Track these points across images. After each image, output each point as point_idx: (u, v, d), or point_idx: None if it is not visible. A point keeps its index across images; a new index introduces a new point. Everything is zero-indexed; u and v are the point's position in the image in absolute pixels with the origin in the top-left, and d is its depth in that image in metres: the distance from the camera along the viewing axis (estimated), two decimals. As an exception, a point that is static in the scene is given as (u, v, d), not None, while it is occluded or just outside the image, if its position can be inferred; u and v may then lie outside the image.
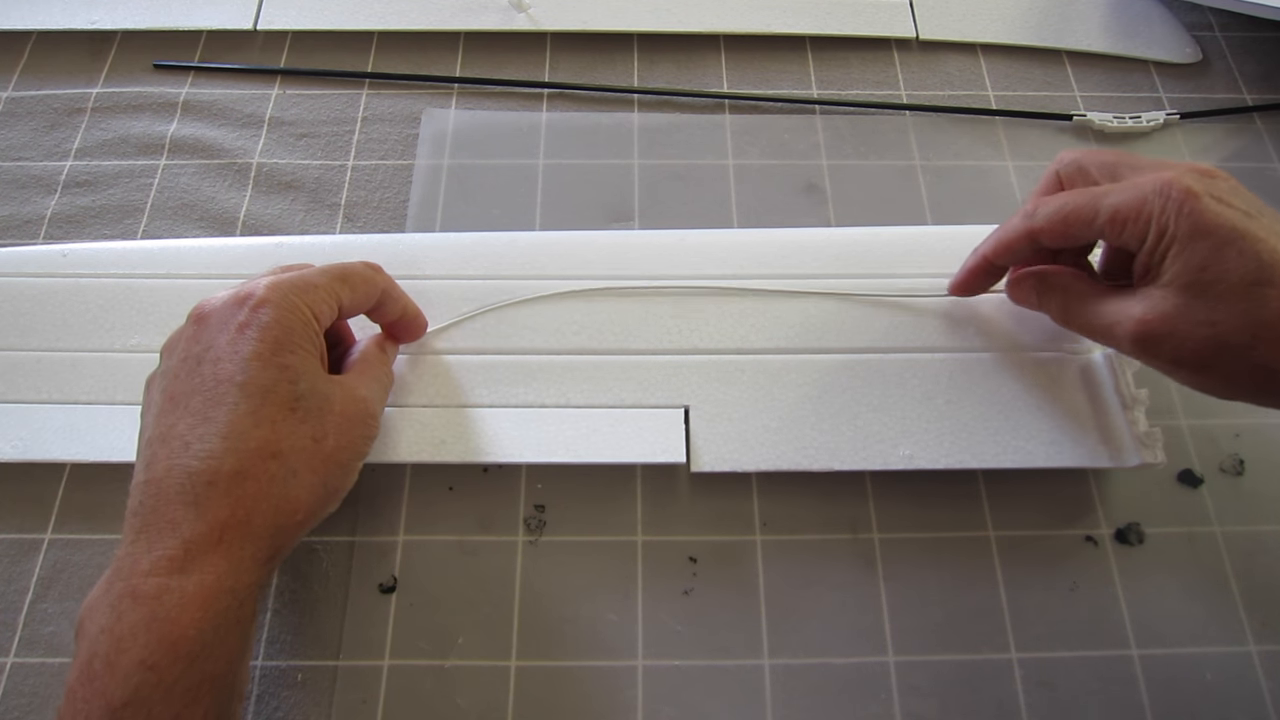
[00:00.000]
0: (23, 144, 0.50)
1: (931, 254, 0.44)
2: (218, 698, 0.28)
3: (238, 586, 0.29)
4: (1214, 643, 0.37)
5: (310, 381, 0.32)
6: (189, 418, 0.30)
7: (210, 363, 0.31)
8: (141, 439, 0.32)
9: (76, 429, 0.40)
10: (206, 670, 0.28)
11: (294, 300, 0.33)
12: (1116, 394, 0.40)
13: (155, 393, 0.33)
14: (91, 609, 0.28)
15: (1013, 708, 0.35)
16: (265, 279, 0.34)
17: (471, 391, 0.40)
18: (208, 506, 0.29)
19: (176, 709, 0.27)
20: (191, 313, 0.34)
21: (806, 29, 0.55)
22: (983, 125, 0.52)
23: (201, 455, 0.29)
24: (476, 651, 0.36)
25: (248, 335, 0.31)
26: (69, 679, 0.27)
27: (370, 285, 0.36)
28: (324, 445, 0.32)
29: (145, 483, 0.30)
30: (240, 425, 0.30)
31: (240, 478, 0.29)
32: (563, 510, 0.39)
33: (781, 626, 0.37)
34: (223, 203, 0.48)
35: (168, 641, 0.27)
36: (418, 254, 0.44)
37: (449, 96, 0.53)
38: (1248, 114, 0.52)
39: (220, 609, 0.28)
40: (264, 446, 0.30)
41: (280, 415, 0.31)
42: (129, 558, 0.29)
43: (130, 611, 0.27)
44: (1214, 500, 0.40)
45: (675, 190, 0.49)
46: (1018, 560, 0.38)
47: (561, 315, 0.42)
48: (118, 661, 0.27)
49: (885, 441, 0.39)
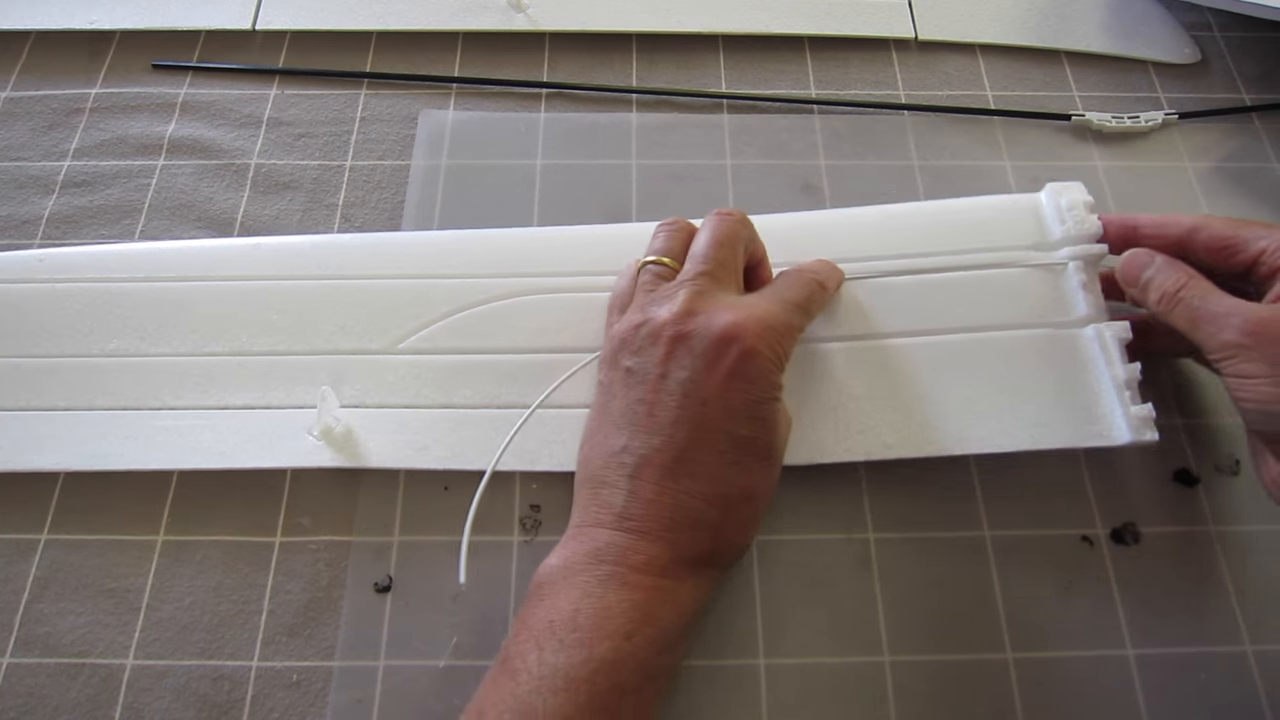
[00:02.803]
0: (21, 144, 0.50)
1: (902, 233, 0.43)
2: (668, 682, 0.33)
3: (701, 598, 0.34)
4: (1210, 642, 0.37)
5: (781, 430, 0.35)
6: (673, 448, 0.33)
7: (695, 397, 0.34)
8: (614, 403, 0.35)
9: (58, 436, 0.39)
10: (668, 660, 0.32)
11: (777, 349, 0.35)
12: (1107, 370, 0.38)
13: (628, 386, 0.35)
14: (569, 568, 0.33)
15: (1008, 708, 0.35)
16: (735, 311, 0.35)
17: (455, 392, 0.40)
18: (695, 538, 0.33)
19: (640, 681, 0.31)
20: (663, 314, 0.35)
21: (805, 29, 0.55)
22: (981, 125, 0.52)
23: (695, 494, 0.33)
24: (472, 652, 0.36)
25: (736, 389, 0.34)
26: (539, 616, 0.32)
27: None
28: (777, 477, 0.35)
29: (633, 493, 0.33)
30: (727, 473, 0.34)
31: (722, 520, 0.34)
32: (558, 510, 0.39)
33: (776, 626, 0.37)
34: (221, 203, 0.48)
35: (648, 625, 0.31)
36: (399, 252, 0.44)
37: (447, 97, 0.53)
38: (1246, 114, 0.52)
39: (691, 611, 0.33)
40: (743, 493, 0.34)
41: (757, 465, 0.34)
42: (620, 547, 0.33)
43: (616, 592, 0.32)
44: (1210, 500, 0.40)
45: (673, 190, 0.49)
46: (1013, 560, 0.38)
47: (547, 313, 0.42)
48: (603, 625, 0.31)
49: (867, 432, 0.38)
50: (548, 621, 0.31)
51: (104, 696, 0.36)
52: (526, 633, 0.31)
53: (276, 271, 0.44)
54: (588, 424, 0.37)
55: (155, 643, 0.37)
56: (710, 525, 0.33)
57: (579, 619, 0.31)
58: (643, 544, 0.33)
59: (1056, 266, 0.41)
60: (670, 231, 0.40)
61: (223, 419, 0.40)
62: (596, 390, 0.38)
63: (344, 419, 0.40)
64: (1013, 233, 0.42)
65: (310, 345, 0.42)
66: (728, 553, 0.35)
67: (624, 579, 0.32)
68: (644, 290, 0.38)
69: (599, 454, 0.35)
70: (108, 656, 0.37)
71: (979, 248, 0.42)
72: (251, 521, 0.39)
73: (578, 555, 0.33)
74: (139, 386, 0.41)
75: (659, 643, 0.31)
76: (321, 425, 0.39)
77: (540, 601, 0.32)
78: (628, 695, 0.30)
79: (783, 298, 0.37)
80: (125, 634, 0.37)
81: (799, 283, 0.38)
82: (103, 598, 0.38)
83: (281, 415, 0.40)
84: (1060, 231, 0.41)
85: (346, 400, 0.40)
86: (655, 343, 0.35)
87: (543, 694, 0.29)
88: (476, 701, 0.31)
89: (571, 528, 0.35)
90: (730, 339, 0.34)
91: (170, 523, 0.39)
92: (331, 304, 0.43)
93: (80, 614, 0.37)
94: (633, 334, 0.36)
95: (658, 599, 0.32)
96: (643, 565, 0.32)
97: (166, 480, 0.40)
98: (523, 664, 0.30)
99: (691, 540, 0.33)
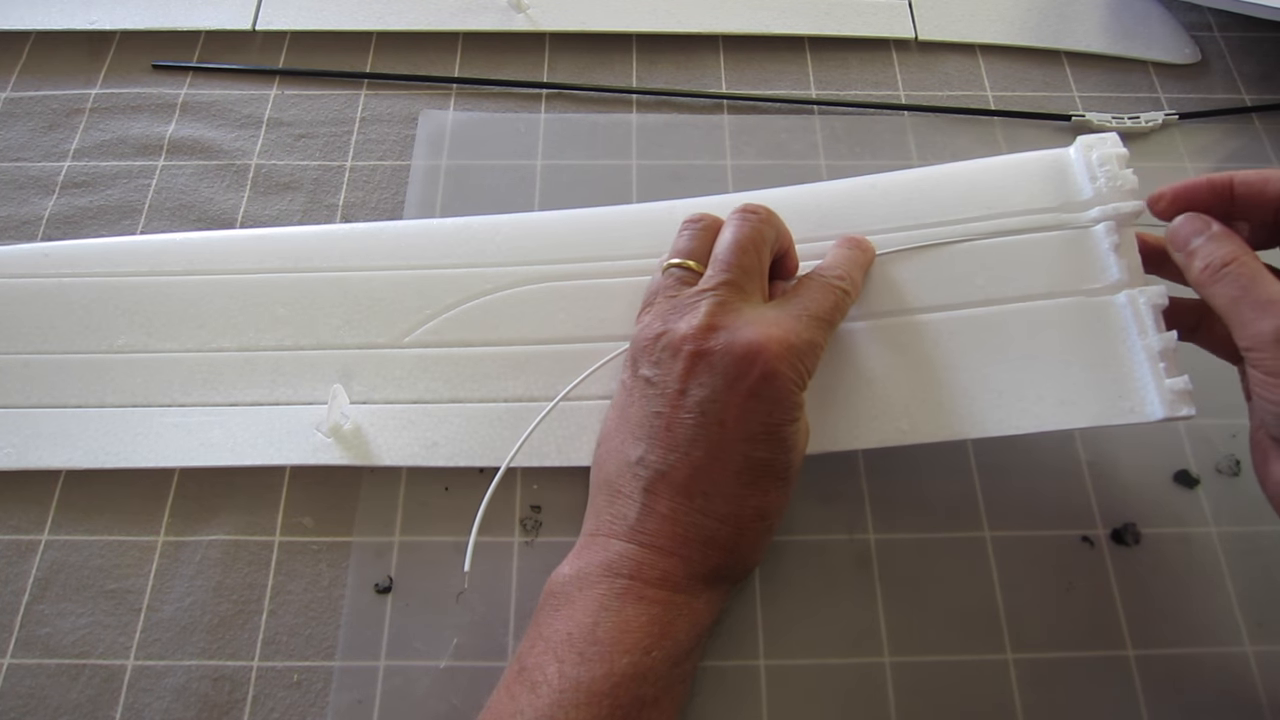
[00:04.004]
0: (21, 144, 0.50)
1: (918, 200, 0.41)
2: (685, 692, 0.33)
3: (716, 611, 0.34)
4: (1210, 643, 0.37)
5: (799, 450, 0.35)
6: (689, 466, 0.33)
7: (714, 417, 0.33)
8: (632, 409, 0.35)
9: (67, 434, 0.39)
10: (685, 670, 0.33)
11: (799, 368, 0.34)
12: (1140, 340, 0.35)
13: (646, 397, 0.35)
14: (584, 579, 0.33)
15: (1009, 708, 0.35)
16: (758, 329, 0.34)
17: (462, 386, 0.40)
18: (708, 555, 0.33)
19: (658, 693, 0.31)
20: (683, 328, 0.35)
21: (805, 29, 0.55)
22: (981, 126, 0.52)
23: (709, 513, 0.33)
24: (472, 653, 0.36)
25: (756, 411, 0.33)
26: (556, 627, 0.32)
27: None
28: (791, 494, 0.35)
29: (647, 507, 0.33)
30: (742, 494, 0.33)
31: (736, 539, 0.34)
32: (559, 511, 0.39)
33: (776, 626, 0.37)
34: (221, 203, 0.48)
35: (665, 639, 0.31)
36: (405, 242, 0.44)
37: (447, 97, 0.53)
38: (1246, 114, 0.52)
39: (706, 624, 0.33)
40: (757, 511, 0.34)
41: (774, 486, 0.34)
42: (634, 560, 0.33)
43: (633, 606, 0.32)
44: (1210, 501, 0.40)
45: (673, 190, 0.49)
46: (1014, 561, 0.38)
47: (554, 302, 0.42)
48: (622, 639, 0.31)
49: (881, 417, 0.37)
50: (566, 634, 0.31)
51: (105, 697, 0.36)
52: (544, 644, 0.31)
53: (282, 264, 0.43)
54: (606, 421, 0.37)
55: (156, 643, 0.37)
56: (724, 543, 0.33)
57: (598, 632, 0.31)
58: (657, 559, 0.33)
59: (1086, 228, 0.39)
60: (695, 231, 0.39)
61: (231, 416, 0.40)
62: (618, 389, 0.37)
63: (352, 416, 0.40)
64: (1038, 193, 0.40)
65: (317, 340, 0.42)
66: (741, 568, 0.35)
67: (640, 593, 0.32)
68: (665, 295, 0.37)
69: (614, 459, 0.35)
70: (108, 657, 0.37)
71: (1001, 212, 0.40)
72: (252, 521, 0.39)
73: (592, 566, 0.33)
74: (147, 383, 0.41)
75: (676, 655, 0.32)
76: (330, 423, 0.39)
77: (556, 612, 0.32)
78: (647, 708, 0.31)
79: (807, 311, 0.36)
80: (126, 634, 0.37)
81: (823, 292, 0.37)
82: (103, 598, 0.38)
83: (289, 412, 0.40)
84: (1091, 190, 0.39)
85: (354, 397, 0.40)
86: (675, 356, 0.34)
87: (565, 707, 0.29)
88: (492, 711, 0.31)
89: (585, 535, 0.35)
90: (751, 359, 0.33)
91: (171, 523, 0.39)
92: (338, 297, 0.42)
93: (81, 614, 0.37)
94: (652, 344, 0.35)
95: (673, 613, 0.32)
96: (658, 580, 0.32)
97: (167, 480, 0.40)
98: (542, 676, 0.30)
99: (705, 557, 0.33)
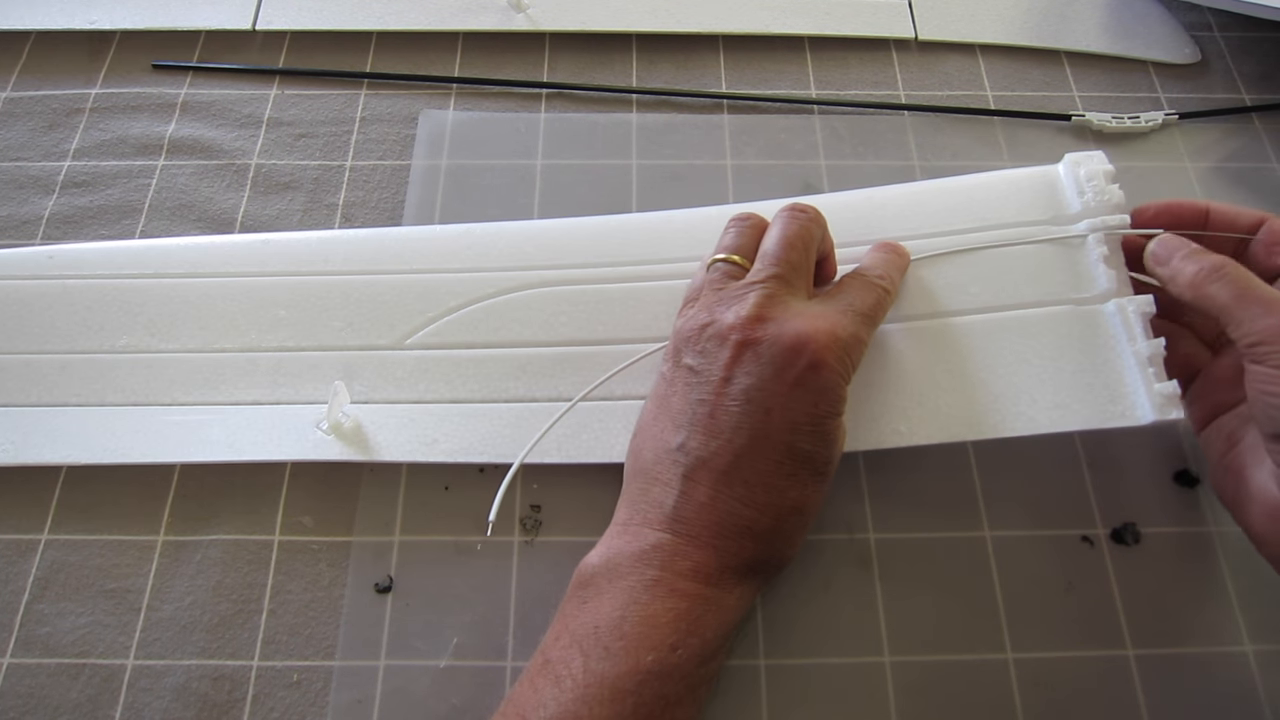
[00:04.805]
0: (21, 144, 0.50)
1: (913, 213, 0.42)
2: (708, 690, 0.33)
3: (744, 608, 0.34)
4: (1210, 643, 0.37)
5: (839, 446, 0.35)
6: (731, 453, 0.33)
7: (759, 405, 0.33)
8: (674, 399, 0.35)
9: (68, 431, 0.40)
10: (711, 668, 0.32)
11: (845, 362, 0.34)
12: (1129, 346, 0.37)
13: (689, 385, 0.34)
14: (614, 570, 0.32)
15: (1009, 708, 0.35)
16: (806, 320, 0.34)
17: (463, 387, 0.40)
18: (743, 546, 0.33)
19: (683, 692, 0.31)
20: (730, 317, 0.35)
21: (805, 29, 0.55)
22: (981, 125, 0.52)
23: (748, 502, 0.33)
24: (472, 652, 0.36)
25: (802, 401, 0.33)
26: (583, 619, 0.31)
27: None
28: (828, 491, 0.35)
29: (686, 494, 0.33)
30: (782, 485, 0.33)
31: (773, 530, 0.33)
32: (559, 510, 0.39)
33: (776, 626, 0.37)
34: (221, 203, 0.48)
35: (692, 636, 0.31)
36: (406, 247, 0.44)
37: (447, 97, 0.53)
38: (1246, 114, 0.52)
39: (734, 622, 0.33)
40: (795, 505, 0.34)
41: (812, 480, 0.34)
42: (667, 551, 0.32)
43: (662, 600, 0.31)
44: (1210, 500, 0.40)
45: (673, 190, 0.49)
46: (1013, 560, 0.38)
47: (555, 306, 0.42)
48: (649, 635, 0.31)
49: (879, 419, 0.38)
50: (592, 626, 0.31)
51: (104, 697, 0.36)
52: (569, 636, 0.31)
53: (284, 268, 0.44)
54: (643, 414, 0.37)
55: (156, 643, 0.37)
56: (759, 534, 0.33)
57: (625, 627, 0.31)
58: (691, 549, 0.32)
59: (1075, 240, 0.40)
60: (741, 228, 0.39)
61: (232, 414, 0.40)
62: (657, 382, 0.37)
63: (353, 414, 0.40)
64: (1029, 207, 0.42)
65: (319, 342, 0.42)
66: (773, 563, 0.34)
67: (671, 585, 0.32)
68: (712, 288, 0.37)
69: (652, 447, 0.35)
70: (108, 657, 0.37)
71: (994, 224, 0.41)
72: (252, 521, 0.39)
73: (623, 555, 0.33)
74: (148, 383, 0.41)
75: (702, 654, 0.31)
76: (331, 420, 0.39)
77: (583, 604, 0.32)
78: (671, 707, 0.30)
79: (852, 307, 0.36)
80: (126, 634, 0.37)
81: (867, 289, 0.37)
82: (103, 598, 0.38)
83: (290, 411, 0.40)
84: (1079, 204, 0.41)
85: (355, 396, 0.40)
86: (721, 345, 0.34)
87: (588, 703, 0.29)
88: (514, 703, 0.31)
89: (617, 524, 0.35)
90: (799, 349, 0.33)
91: (171, 522, 0.39)
92: (340, 300, 0.43)
93: (81, 614, 0.37)
94: (698, 333, 0.35)
95: (702, 609, 0.32)
96: (689, 572, 0.32)
97: (167, 480, 0.40)
98: (566, 670, 0.30)
99: (739, 548, 0.33)
